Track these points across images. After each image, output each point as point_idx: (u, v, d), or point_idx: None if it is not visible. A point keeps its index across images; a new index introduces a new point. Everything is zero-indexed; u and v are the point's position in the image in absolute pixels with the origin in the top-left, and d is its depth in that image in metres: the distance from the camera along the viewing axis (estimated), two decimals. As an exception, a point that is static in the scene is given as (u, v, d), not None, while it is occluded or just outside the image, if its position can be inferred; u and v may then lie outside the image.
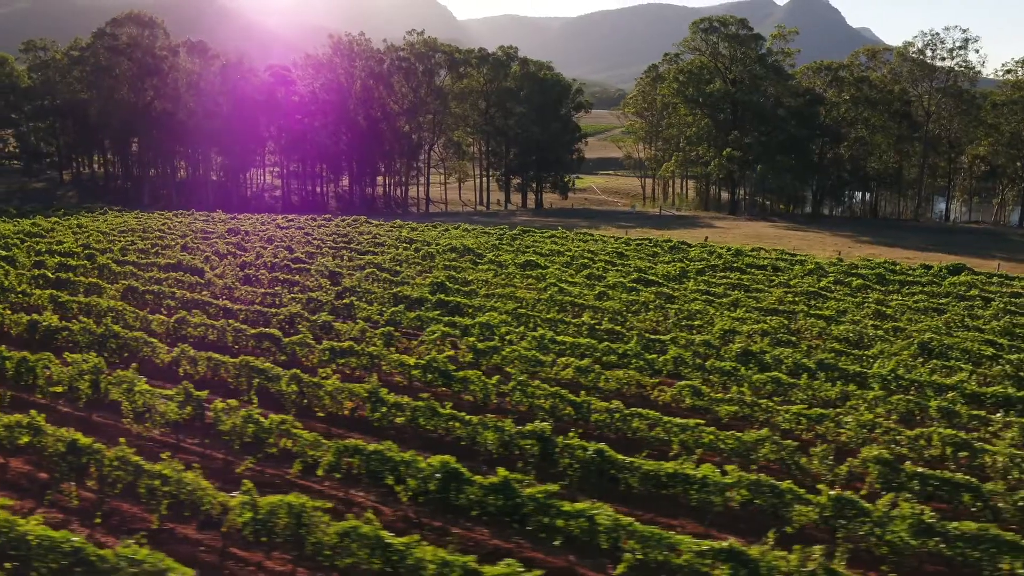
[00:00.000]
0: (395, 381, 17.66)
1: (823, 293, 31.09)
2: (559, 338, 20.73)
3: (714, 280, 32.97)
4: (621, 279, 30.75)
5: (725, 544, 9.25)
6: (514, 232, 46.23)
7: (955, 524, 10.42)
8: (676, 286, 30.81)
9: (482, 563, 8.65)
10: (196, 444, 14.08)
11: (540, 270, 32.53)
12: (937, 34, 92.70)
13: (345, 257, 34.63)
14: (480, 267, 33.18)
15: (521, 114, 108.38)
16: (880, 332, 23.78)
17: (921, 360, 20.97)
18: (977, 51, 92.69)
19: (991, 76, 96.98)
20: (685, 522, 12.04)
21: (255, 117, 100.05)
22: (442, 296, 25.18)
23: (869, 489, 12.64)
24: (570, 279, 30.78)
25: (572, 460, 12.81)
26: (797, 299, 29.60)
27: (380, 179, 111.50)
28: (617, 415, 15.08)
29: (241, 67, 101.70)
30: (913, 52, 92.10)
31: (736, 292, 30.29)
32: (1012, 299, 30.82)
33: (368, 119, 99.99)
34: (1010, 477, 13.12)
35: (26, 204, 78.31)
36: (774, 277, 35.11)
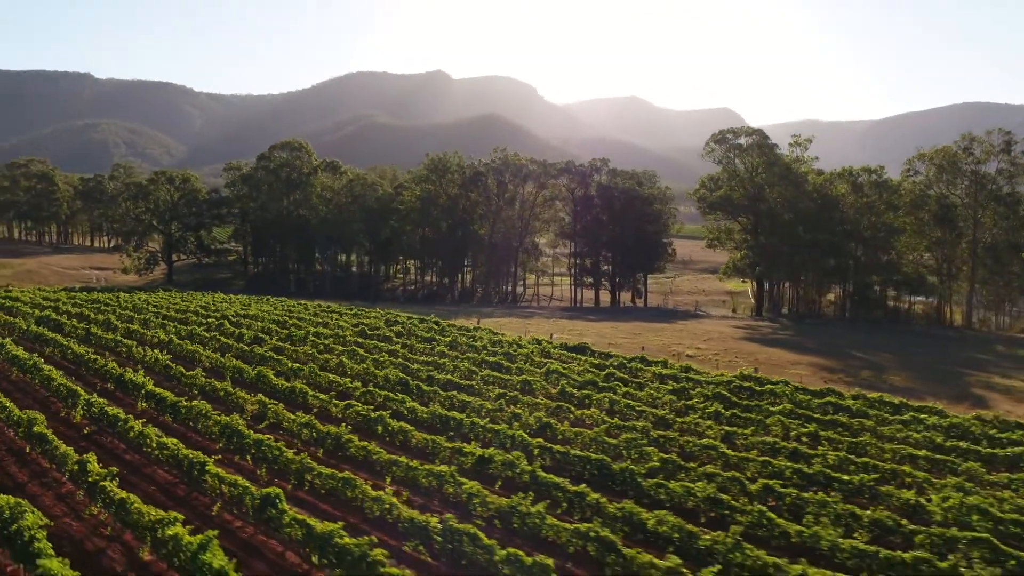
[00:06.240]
0: None
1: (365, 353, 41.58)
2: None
3: (324, 343, 44.52)
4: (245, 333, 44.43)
5: None
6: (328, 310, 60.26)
7: None
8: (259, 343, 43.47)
9: None
10: None
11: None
12: (975, 137, 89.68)
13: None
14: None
15: (601, 221, 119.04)
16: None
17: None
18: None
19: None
20: None
21: (375, 222, 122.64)
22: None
23: None
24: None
25: None
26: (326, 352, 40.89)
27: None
28: None
29: (365, 180, 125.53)
30: (949, 156, 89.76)
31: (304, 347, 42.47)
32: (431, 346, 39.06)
33: (454, 224, 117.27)
34: None
35: (200, 289, 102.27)
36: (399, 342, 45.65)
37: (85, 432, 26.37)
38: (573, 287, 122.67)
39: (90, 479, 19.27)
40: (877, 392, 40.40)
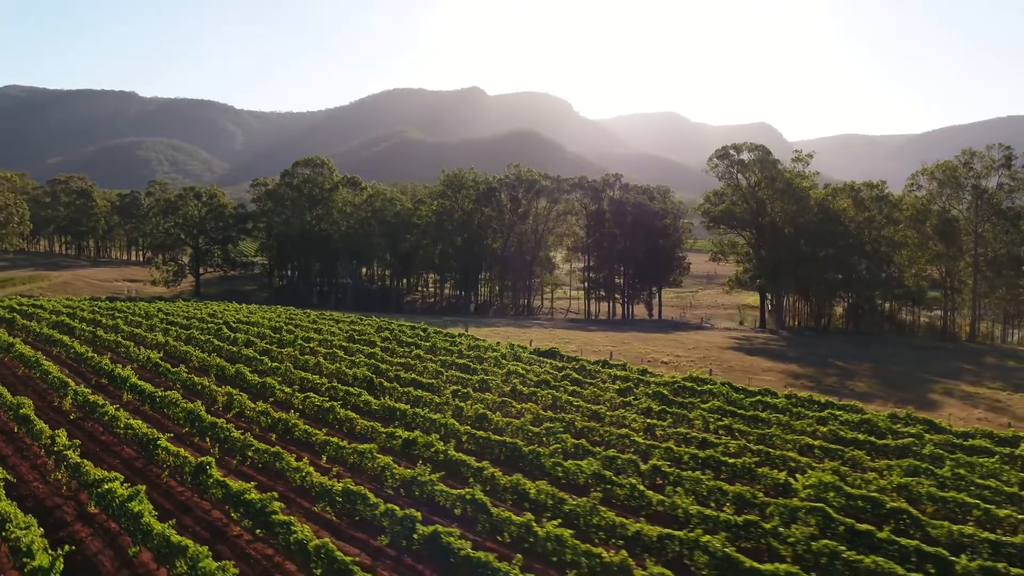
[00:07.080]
0: None
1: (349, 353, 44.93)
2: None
3: (310, 340, 48.05)
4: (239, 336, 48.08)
5: None
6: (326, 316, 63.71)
7: None
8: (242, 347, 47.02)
9: None
10: None
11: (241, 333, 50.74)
12: (975, 152, 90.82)
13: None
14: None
15: (613, 236, 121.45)
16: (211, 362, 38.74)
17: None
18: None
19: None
20: None
21: (394, 236, 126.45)
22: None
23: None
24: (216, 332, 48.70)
25: None
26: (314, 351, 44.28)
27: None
28: None
29: (384, 195, 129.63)
30: (950, 170, 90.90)
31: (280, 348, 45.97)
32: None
33: (469, 239, 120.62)
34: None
35: (225, 300, 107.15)
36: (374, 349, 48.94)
37: (71, 418, 29.87)
38: (587, 300, 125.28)
39: (56, 449, 22.64)
40: (835, 396, 42.78)
